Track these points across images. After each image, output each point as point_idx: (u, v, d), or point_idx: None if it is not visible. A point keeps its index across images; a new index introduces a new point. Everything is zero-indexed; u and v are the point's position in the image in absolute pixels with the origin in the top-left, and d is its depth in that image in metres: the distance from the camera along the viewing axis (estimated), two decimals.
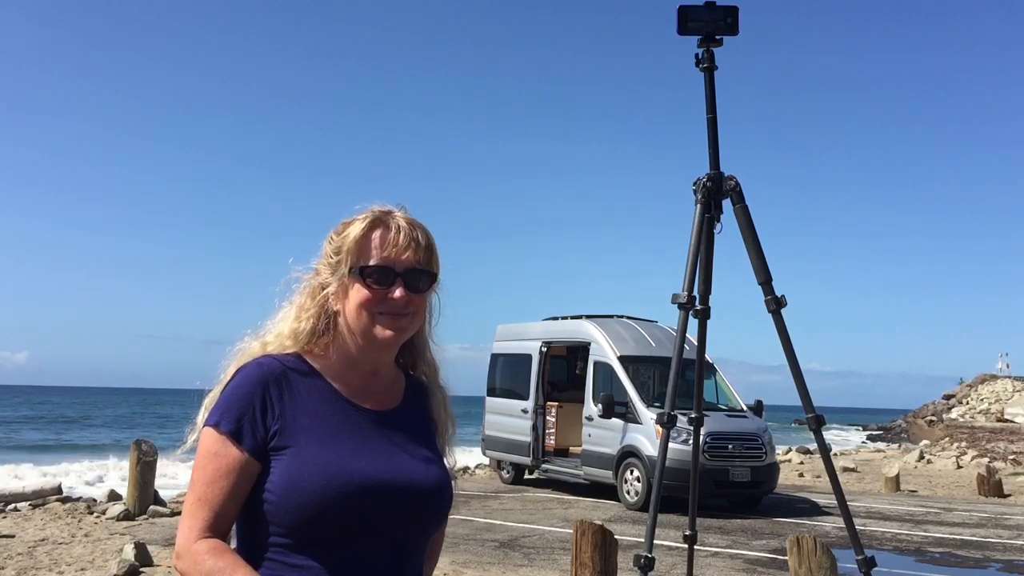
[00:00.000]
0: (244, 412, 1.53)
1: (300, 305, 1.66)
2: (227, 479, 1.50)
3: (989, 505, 15.04)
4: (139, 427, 46.70)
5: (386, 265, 1.60)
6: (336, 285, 1.62)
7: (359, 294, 1.60)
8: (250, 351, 1.65)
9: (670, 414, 3.95)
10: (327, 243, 1.67)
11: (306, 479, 1.48)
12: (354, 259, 1.61)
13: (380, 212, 1.65)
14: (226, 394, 1.57)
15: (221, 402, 1.56)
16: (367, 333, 1.61)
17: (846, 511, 3.94)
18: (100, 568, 8.10)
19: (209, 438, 1.53)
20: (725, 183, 4.00)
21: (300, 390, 1.58)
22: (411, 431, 1.66)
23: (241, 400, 1.54)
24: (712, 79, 3.99)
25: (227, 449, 1.51)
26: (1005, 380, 53.68)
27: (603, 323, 14.79)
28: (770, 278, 3.96)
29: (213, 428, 1.53)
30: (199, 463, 1.52)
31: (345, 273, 1.61)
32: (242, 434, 1.51)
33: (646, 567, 3.86)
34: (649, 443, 12.55)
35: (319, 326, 1.64)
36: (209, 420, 1.55)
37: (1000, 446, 30.52)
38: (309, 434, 1.54)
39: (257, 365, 1.59)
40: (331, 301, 1.64)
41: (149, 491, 11.57)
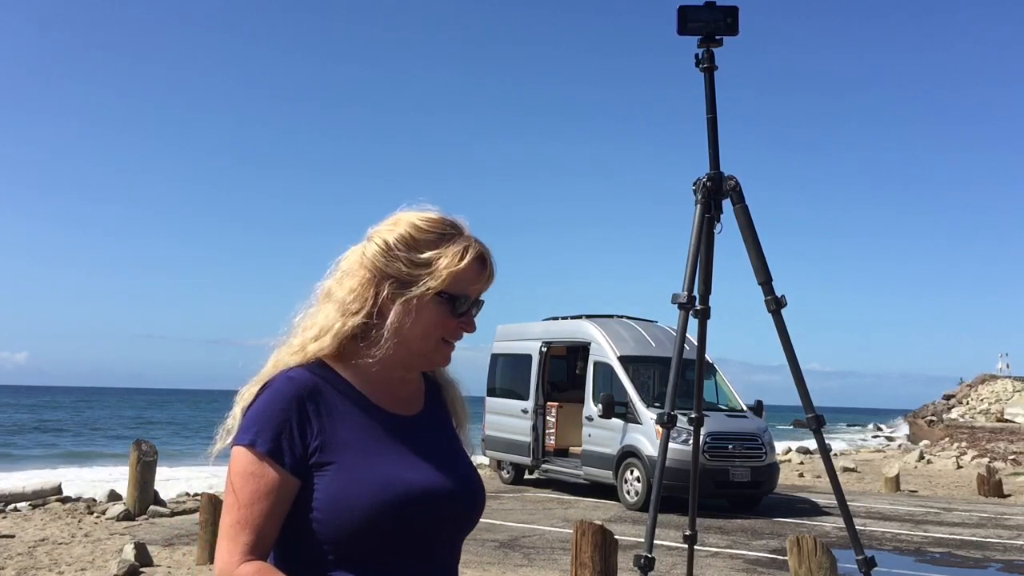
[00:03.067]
0: (281, 430, 1.46)
1: (343, 301, 1.55)
2: (267, 500, 1.43)
3: (989, 505, 15.03)
4: (146, 431, 46.62)
5: (472, 298, 1.57)
6: (408, 297, 1.53)
7: (436, 318, 1.54)
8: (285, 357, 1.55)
9: (670, 414, 3.96)
10: (398, 240, 1.55)
11: (355, 495, 1.44)
12: (447, 284, 1.53)
13: (479, 245, 1.58)
14: (258, 410, 1.49)
15: (254, 419, 1.48)
16: (426, 355, 1.57)
17: (846, 511, 3.94)
18: (100, 568, 8.10)
19: (244, 458, 1.46)
20: (725, 183, 4.00)
21: (334, 402, 1.51)
22: (440, 433, 1.64)
23: (276, 417, 1.47)
24: (712, 79, 3.99)
25: (265, 469, 1.44)
26: (1005, 380, 53.67)
27: (603, 323, 14.80)
28: (770, 278, 3.96)
29: (249, 448, 1.45)
30: (235, 483, 1.45)
31: (429, 291, 1.52)
32: (280, 453, 1.44)
33: (646, 567, 3.86)
34: (649, 443, 12.55)
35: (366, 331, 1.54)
36: (242, 439, 1.47)
37: (1000, 446, 30.51)
38: (350, 448, 1.48)
39: (287, 379, 1.50)
40: (395, 309, 1.53)
41: (149, 491, 11.57)
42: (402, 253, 1.54)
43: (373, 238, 1.57)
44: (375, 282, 1.54)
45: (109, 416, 59.78)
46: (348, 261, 1.59)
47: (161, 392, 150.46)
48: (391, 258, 1.54)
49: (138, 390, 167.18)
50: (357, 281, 1.55)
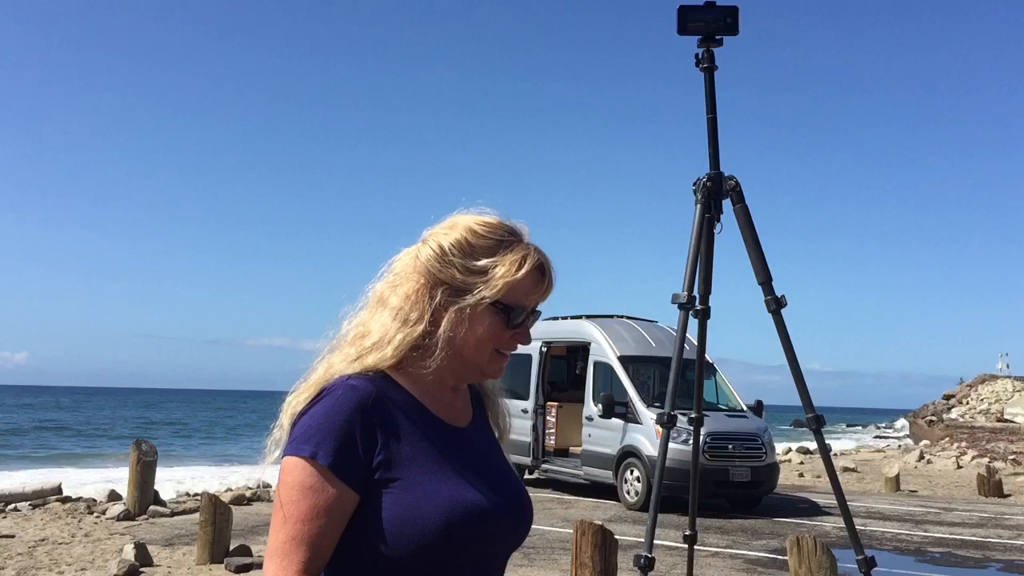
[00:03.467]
0: (344, 443, 1.36)
1: (402, 310, 1.47)
2: (326, 516, 1.35)
3: (989, 505, 15.03)
4: (153, 435, 46.62)
5: (530, 309, 1.50)
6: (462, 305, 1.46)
7: (492, 328, 1.47)
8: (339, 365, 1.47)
9: (670, 414, 3.96)
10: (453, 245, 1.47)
11: (425, 513, 1.37)
12: (503, 294, 1.46)
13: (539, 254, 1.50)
14: (318, 420, 1.39)
15: (315, 429, 1.38)
16: (480, 366, 1.51)
17: (846, 511, 3.95)
18: (100, 568, 8.10)
19: (302, 471, 1.36)
20: (725, 183, 4.00)
21: (396, 414, 1.43)
22: (490, 445, 1.60)
23: (339, 429, 1.37)
24: (712, 79, 3.99)
25: (326, 484, 1.35)
26: (1005, 380, 53.58)
27: (603, 323, 14.79)
28: (770, 278, 3.97)
29: (309, 460, 1.35)
30: (291, 496, 1.35)
31: (484, 301, 1.46)
32: (343, 467, 1.36)
33: (646, 567, 3.87)
34: (649, 443, 12.55)
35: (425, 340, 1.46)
36: (302, 450, 1.36)
37: (1000, 446, 30.50)
38: (414, 463, 1.40)
39: (351, 388, 1.42)
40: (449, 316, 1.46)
41: (149, 491, 11.57)
42: (457, 259, 1.46)
43: (428, 241, 1.50)
44: (429, 288, 1.47)
45: (109, 416, 59.77)
46: (401, 264, 1.52)
47: (161, 392, 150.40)
48: (445, 264, 1.46)
49: (138, 390, 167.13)
50: (412, 287, 1.48)
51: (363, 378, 1.44)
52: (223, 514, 8.52)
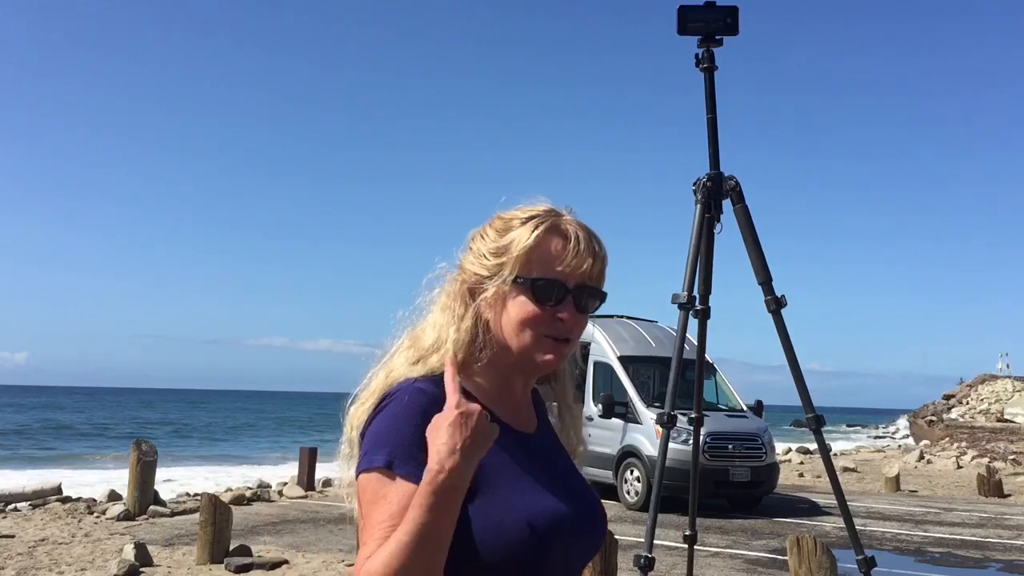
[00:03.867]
0: (419, 449, 1.29)
1: (450, 309, 1.44)
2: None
3: (989, 505, 15.04)
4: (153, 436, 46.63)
5: (558, 279, 1.39)
6: (493, 291, 1.41)
7: (522, 309, 1.40)
8: (400, 369, 1.42)
9: (670, 414, 3.95)
10: (480, 238, 1.46)
11: (508, 524, 1.31)
12: (521, 267, 1.39)
13: (555, 216, 1.44)
14: (388, 426, 1.33)
15: (384, 437, 1.32)
16: (527, 354, 1.41)
17: (846, 511, 3.94)
18: (100, 568, 8.10)
19: (377, 481, 1.29)
20: (725, 183, 4.00)
21: None
22: (559, 452, 1.53)
23: (411, 435, 1.30)
24: (712, 79, 3.99)
25: (402, 491, 1.27)
26: (1005, 380, 53.57)
27: (603, 323, 14.79)
28: (770, 278, 3.96)
29: (384, 471, 1.29)
30: (370, 508, 1.29)
31: (507, 280, 1.40)
32: (419, 475, 1.27)
33: (646, 567, 3.86)
34: (649, 443, 12.55)
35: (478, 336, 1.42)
36: (375, 460, 1.30)
37: (1000, 446, 30.50)
38: (491, 472, 1.33)
39: (419, 392, 1.35)
40: (483, 307, 1.43)
41: (149, 491, 11.58)
42: (485, 246, 1.44)
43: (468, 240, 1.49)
44: (463, 281, 1.45)
45: (109, 416, 59.78)
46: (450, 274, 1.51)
47: (161, 392, 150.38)
48: (477, 255, 1.44)
49: (138, 390, 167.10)
50: (455, 285, 1.46)
51: (429, 380, 1.38)
52: (223, 514, 8.52)
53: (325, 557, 8.73)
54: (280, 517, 11.54)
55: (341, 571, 8.16)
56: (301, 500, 13.59)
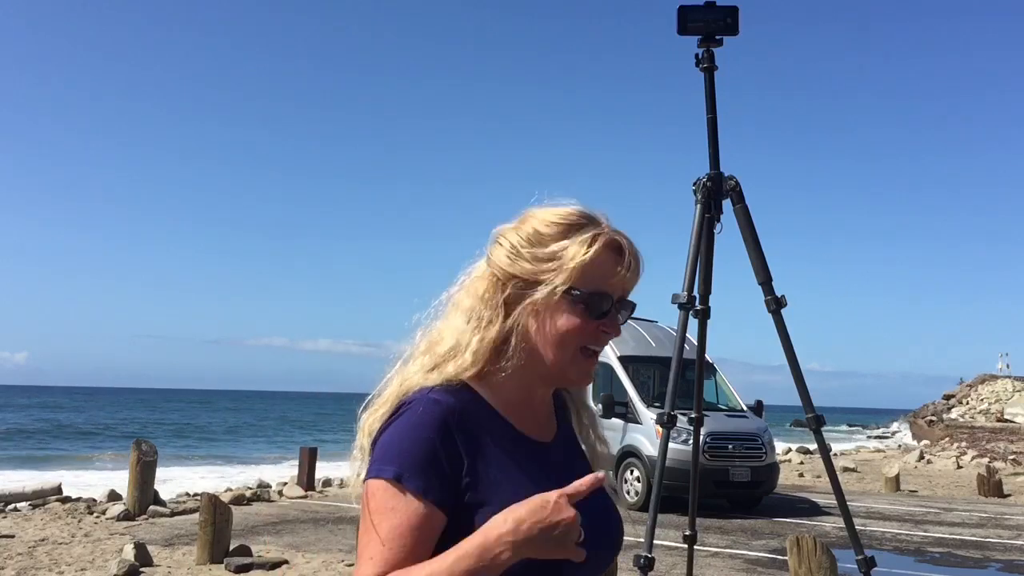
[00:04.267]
0: (428, 462, 1.26)
1: (474, 313, 1.36)
2: (409, 537, 1.25)
3: (989, 505, 15.04)
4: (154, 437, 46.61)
5: (608, 294, 1.36)
6: (542, 298, 1.34)
7: (568, 321, 1.34)
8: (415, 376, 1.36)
9: (670, 414, 3.95)
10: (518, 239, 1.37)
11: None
12: (576, 278, 1.33)
13: (613, 232, 1.39)
14: (401, 438, 1.28)
15: (396, 448, 1.28)
16: (563, 367, 1.36)
17: (846, 511, 3.94)
18: (100, 568, 8.10)
19: (385, 492, 1.26)
20: (725, 183, 4.00)
21: (480, 431, 1.32)
22: (576, 460, 1.48)
23: (423, 447, 1.27)
24: (712, 79, 3.99)
25: (410, 506, 1.25)
26: (1005, 380, 53.58)
27: None
28: (770, 278, 3.96)
29: (393, 482, 1.25)
30: (376, 519, 1.25)
31: (558, 290, 1.33)
32: (430, 489, 1.25)
33: (646, 567, 3.86)
34: (649, 443, 12.55)
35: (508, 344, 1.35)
36: (384, 471, 1.26)
37: (1000, 446, 30.52)
38: (502, 487, 1.30)
39: (434, 403, 1.30)
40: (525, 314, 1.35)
41: (149, 491, 11.58)
42: (526, 250, 1.36)
43: (498, 239, 1.40)
44: (499, 285, 1.37)
45: (109, 416, 59.77)
46: (475, 267, 1.43)
47: (161, 392, 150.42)
48: (515, 256, 1.36)
49: (138, 390, 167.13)
50: (484, 287, 1.38)
51: (444, 390, 1.33)
52: (223, 514, 8.52)
53: (325, 557, 8.73)
54: (280, 517, 11.54)
55: (341, 571, 8.16)
56: (301, 500, 13.59)
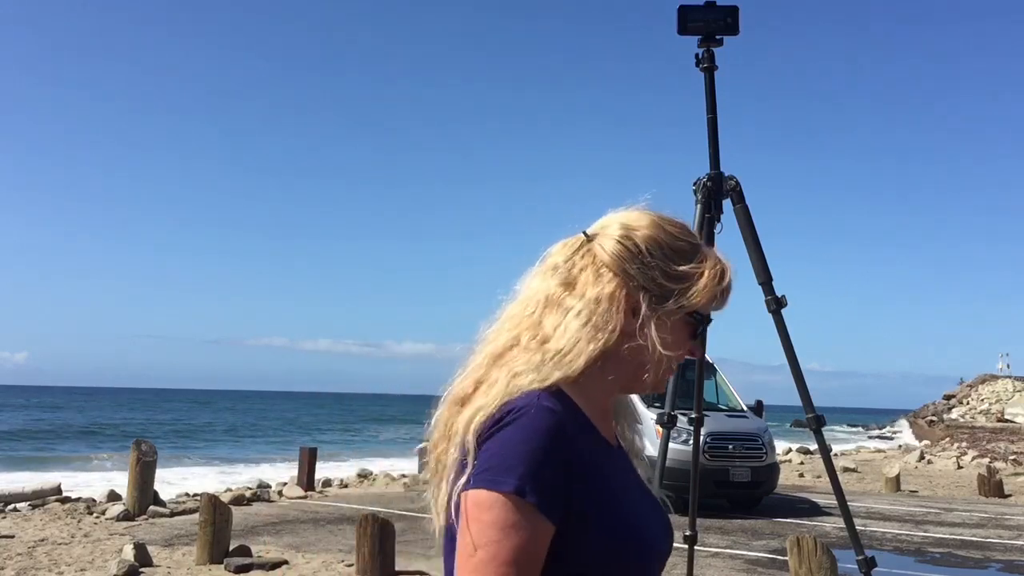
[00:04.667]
0: (547, 476, 1.18)
1: (596, 315, 1.29)
2: (532, 557, 1.17)
3: (989, 505, 15.03)
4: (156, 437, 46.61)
5: (710, 318, 1.40)
6: (665, 313, 1.31)
7: (679, 337, 1.34)
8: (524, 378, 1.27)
9: (670, 414, 3.95)
10: (650, 246, 1.33)
11: (623, 551, 1.24)
12: (700, 301, 1.33)
13: (724, 263, 1.38)
14: (519, 447, 1.19)
15: (514, 459, 1.18)
16: (656, 378, 1.35)
17: (846, 511, 3.94)
18: (100, 568, 8.10)
19: (503, 508, 1.16)
20: (725, 183, 4.00)
21: (581, 440, 1.26)
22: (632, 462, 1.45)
23: (541, 460, 1.19)
24: (712, 79, 3.99)
25: (534, 524, 1.17)
26: (1005, 380, 53.64)
27: None
28: (770, 278, 3.96)
29: (513, 496, 1.16)
30: (490, 536, 1.16)
31: (683, 309, 1.33)
32: (548, 504, 1.18)
33: None
34: (649, 443, 12.47)
35: (619, 350, 1.31)
36: (503, 483, 1.17)
37: (1000, 446, 30.53)
38: (604, 496, 1.26)
39: (548, 412, 1.22)
40: (652, 324, 1.31)
41: (149, 491, 11.57)
42: (658, 261, 1.32)
43: (610, 236, 1.34)
44: (627, 292, 1.31)
45: (109, 416, 59.76)
46: (567, 259, 1.35)
47: (161, 392, 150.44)
48: (645, 265, 1.31)
49: (138, 390, 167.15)
50: (605, 290, 1.30)
51: (554, 397, 1.25)
52: (223, 514, 8.52)
53: (325, 557, 8.73)
54: (280, 517, 11.54)
55: (341, 571, 8.16)
56: (301, 500, 13.59)
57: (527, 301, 1.34)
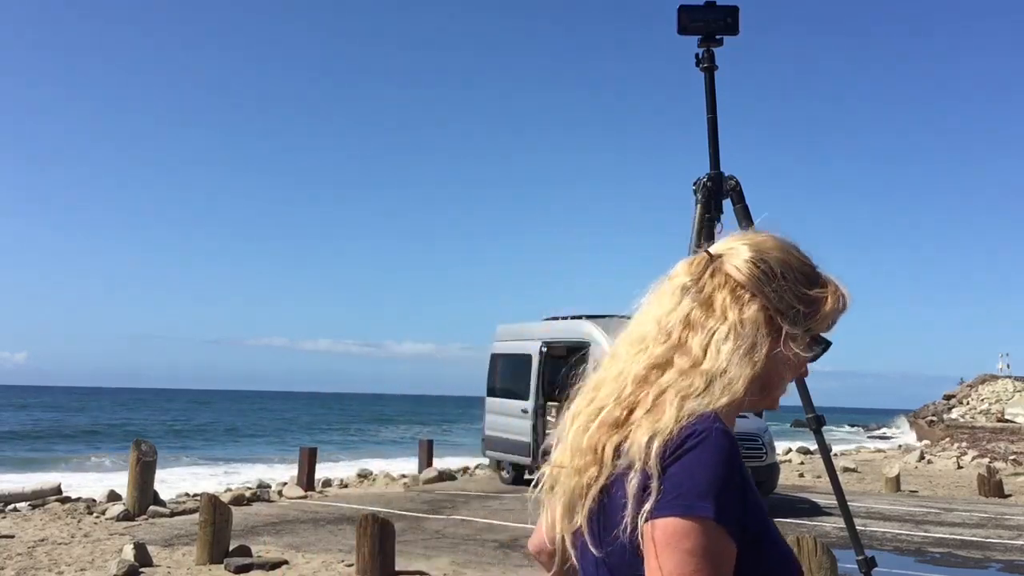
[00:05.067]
0: (732, 500, 1.18)
1: (749, 339, 1.28)
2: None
3: (989, 505, 15.03)
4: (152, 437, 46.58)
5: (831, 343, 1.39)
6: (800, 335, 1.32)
7: (801, 360, 1.34)
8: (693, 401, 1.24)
9: None
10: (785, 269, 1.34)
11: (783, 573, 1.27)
12: (824, 325, 1.36)
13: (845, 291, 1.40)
14: (711, 472, 1.17)
15: (707, 484, 1.16)
16: (776, 398, 1.37)
17: (846, 511, 3.94)
18: (100, 568, 8.10)
19: (703, 535, 1.14)
20: (725, 183, 4.00)
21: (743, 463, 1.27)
22: None
23: (730, 483, 1.18)
24: (712, 79, 3.99)
25: (727, 549, 1.16)
26: (1005, 380, 53.61)
27: (603, 323, 14.78)
28: None
29: (711, 522, 1.15)
30: (693, 564, 1.14)
31: (810, 332, 1.34)
32: (735, 529, 1.17)
33: None
34: None
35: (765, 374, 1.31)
36: (701, 508, 1.15)
37: (1000, 446, 30.52)
38: (765, 519, 1.25)
39: (727, 436, 1.21)
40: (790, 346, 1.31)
41: (149, 491, 11.57)
42: (791, 284, 1.33)
43: (741, 259, 1.34)
44: (768, 314, 1.31)
45: (109, 416, 59.76)
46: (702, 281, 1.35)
47: (161, 392, 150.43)
48: (780, 289, 1.32)
49: (138, 390, 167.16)
50: (746, 312, 1.30)
51: (721, 420, 1.23)
52: (223, 514, 8.52)
53: (325, 557, 8.72)
54: (280, 517, 11.54)
55: (341, 571, 8.16)
56: (301, 500, 13.59)
57: (661, 321, 1.33)
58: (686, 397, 1.24)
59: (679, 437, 1.20)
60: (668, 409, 1.23)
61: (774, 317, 1.31)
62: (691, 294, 1.33)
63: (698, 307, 1.31)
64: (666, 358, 1.29)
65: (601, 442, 1.26)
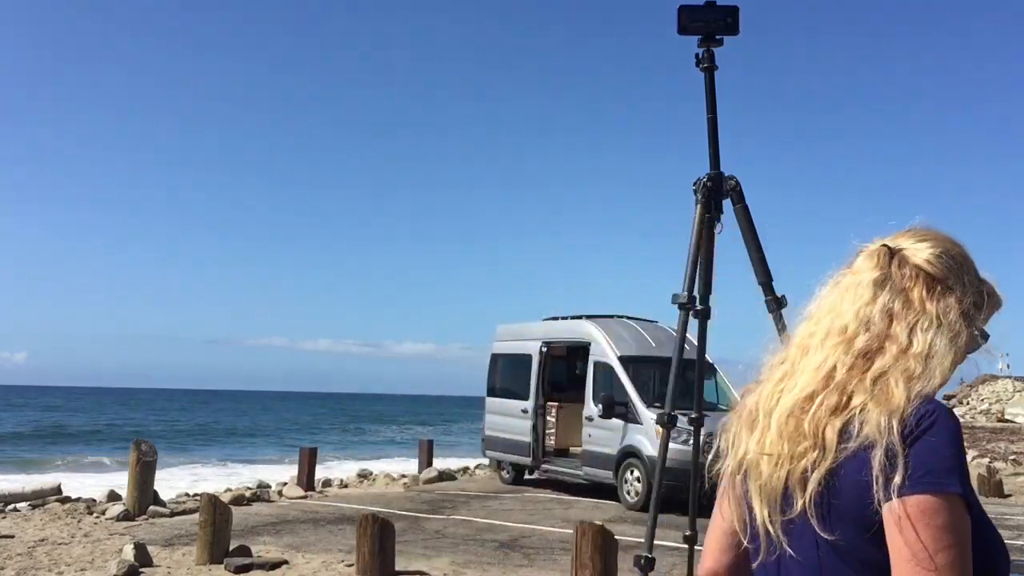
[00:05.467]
0: (967, 477, 1.25)
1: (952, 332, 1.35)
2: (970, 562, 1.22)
3: (989, 505, 15.00)
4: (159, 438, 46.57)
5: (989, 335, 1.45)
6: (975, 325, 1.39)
7: (968, 351, 1.40)
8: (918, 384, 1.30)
9: (670, 414, 3.96)
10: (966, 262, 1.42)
11: (999, 554, 1.30)
12: (985, 320, 1.42)
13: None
14: (952, 451, 1.23)
15: (950, 461, 1.23)
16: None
17: None
18: (100, 568, 8.10)
19: (952, 511, 1.20)
20: (725, 183, 4.00)
21: None
22: None
23: (963, 462, 1.25)
24: (712, 79, 3.99)
25: (968, 524, 1.22)
26: (1005, 380, 53.54)
27: (603, 323, 14.79)
28: (770, 278, 3.96)
29: (959, 498, 1.21)
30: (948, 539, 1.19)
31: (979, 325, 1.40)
32: (972, 503, 1.24)
33: (646, 567, 3.86)
34: (649, 443, 12.54)
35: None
36: (949, 485, 1.20)
37: (1001, 446, 30.51)
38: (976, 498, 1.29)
39: (952, 414, 1.29)
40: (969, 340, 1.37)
41: (149, 491, 11.57)
42: (972, 278, 1.40)
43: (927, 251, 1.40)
44: (966, 306, 1.37)
45: (109, 416, 59.76)
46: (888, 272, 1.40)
47: (160, 392, 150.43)
48: (968, 281, 1.39)
49: (138, 390, 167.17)
50: (944, 302, 1.37)
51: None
52: (223, 514, 8.52)
53: (325, 557, 8.72)
54: (280, 517, 11.54)
55: (341, 571, 8.16)
56: (301, 500, 13.58)
57: (860, 313, 1.38)
58: (910, 379, 1.29)
59: (914, 417, 1.25)
60: (895, 391, 1.28)
61: (968, 309, 1.36)
62: (886, 285, 1.38)
63: (896, 299, 1.37)
64: (873, 347, 1.34)
65: (822, 426, 1.30)
